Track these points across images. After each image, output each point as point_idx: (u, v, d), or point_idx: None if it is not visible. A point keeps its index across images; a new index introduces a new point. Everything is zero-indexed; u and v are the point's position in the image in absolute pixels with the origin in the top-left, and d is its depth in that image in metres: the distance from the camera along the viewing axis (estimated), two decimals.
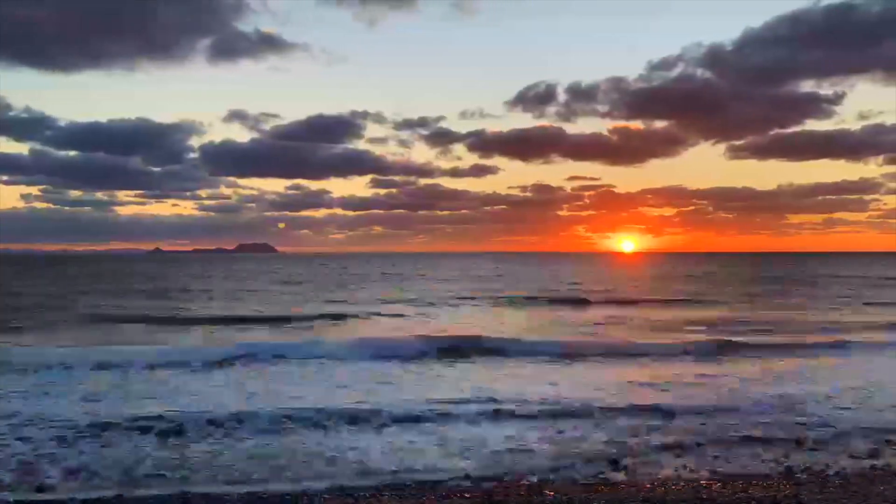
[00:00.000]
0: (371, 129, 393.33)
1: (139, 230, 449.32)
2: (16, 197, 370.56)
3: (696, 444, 9.62)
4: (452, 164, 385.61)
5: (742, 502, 7.14)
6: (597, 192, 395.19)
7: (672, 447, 9.46)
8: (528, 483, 7.98)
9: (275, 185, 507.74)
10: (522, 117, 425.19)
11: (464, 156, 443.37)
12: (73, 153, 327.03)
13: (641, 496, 7.39)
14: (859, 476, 8.25)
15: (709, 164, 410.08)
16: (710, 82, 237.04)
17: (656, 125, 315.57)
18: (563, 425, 10.57)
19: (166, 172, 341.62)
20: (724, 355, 18.07)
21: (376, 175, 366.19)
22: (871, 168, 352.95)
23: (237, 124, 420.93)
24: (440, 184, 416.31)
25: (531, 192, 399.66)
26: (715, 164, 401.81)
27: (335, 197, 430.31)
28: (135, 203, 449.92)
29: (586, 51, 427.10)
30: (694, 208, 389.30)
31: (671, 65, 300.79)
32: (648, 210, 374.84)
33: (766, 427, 10.57)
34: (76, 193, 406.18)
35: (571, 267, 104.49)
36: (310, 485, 7.91)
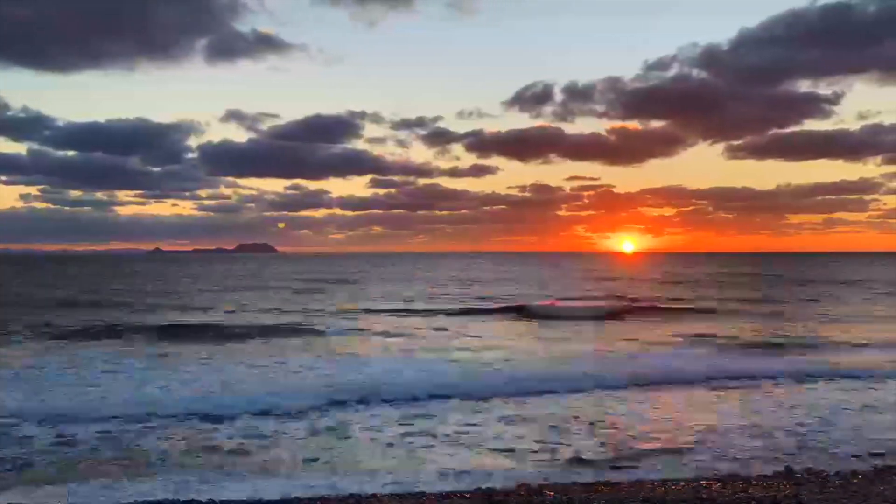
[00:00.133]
0: (369, 129, 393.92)
1: (139, 230, 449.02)
2: (14, 197, 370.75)
3: None
4: (451, 164, 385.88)
5: (742, 502, 7.13)
6: (596, 192, 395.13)
7: None
8: (528, 483, 7.98)
9: (274, 185, 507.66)
10: (519, 117, 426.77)
11: (462, 156, 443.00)
12: (71, 153, 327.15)
13: (641, 496, 7.38)
14: (859, 476, 8.25)
15: (707, 164, 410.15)
16: (706, 82, 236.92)
17: (654, 125, 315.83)
18: None
19: (165, 172, 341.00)
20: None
21: (375, 175, 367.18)
22: (870, 168, 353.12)
23: (235, 124, 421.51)
24: (439, 184, 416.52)
25: (530, 192, 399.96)
26: (714, 164, 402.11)
27: (334, 197, 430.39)
28: (134, 203, 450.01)
29: (583, 51, 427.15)
30: (693, 208, 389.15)
31: (667, 65, 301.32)
32: (648, 210, 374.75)
33: None
34: (75, 193, 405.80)
35: (582, 266, 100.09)
36: (310, 485, 7.92)
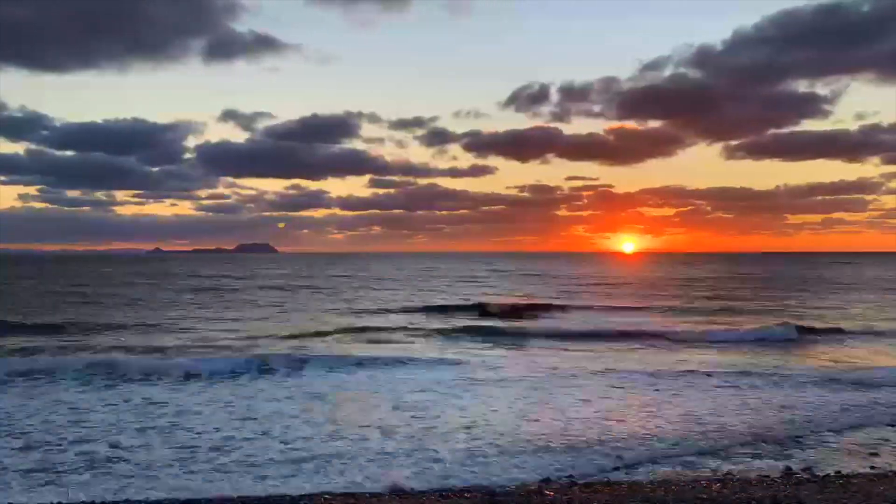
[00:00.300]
0: (366, 129, 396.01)
1: (138, 230, 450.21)
2: (13, 197, 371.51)
3: None
4: (449, 164, 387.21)
5: (742, 502, 7.13)
6: (595, 192, 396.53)
7: None
8: (528, 483, 7.98)
9: (272, 185, 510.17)
10: (516, 117, 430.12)
11: (459, 156, 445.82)
12: (68, 153, 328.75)
13: (641, 496, 7.38)
14: (859, 476, 8.25)
15: (706, 164, 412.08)
16: (702, 82, 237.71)
17: (651, 125, 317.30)
18: None
19: (163, 172, 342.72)
20: None
21: (374, 175, 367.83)
22: (869, 168, 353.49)
23: (232, 124, 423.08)
24: (438, 184, 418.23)
25: (529, 193, 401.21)
26: (712, 164, 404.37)
27: (334, 197, 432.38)
28: (132, 203, 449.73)
29: (579, 51, 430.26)
30: (693, 208, 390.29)
31: (662, 65, 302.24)
32: (647, 210, 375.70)
33: None
34: (74, 193, 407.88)
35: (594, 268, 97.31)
36: (310, 486, 7.92)
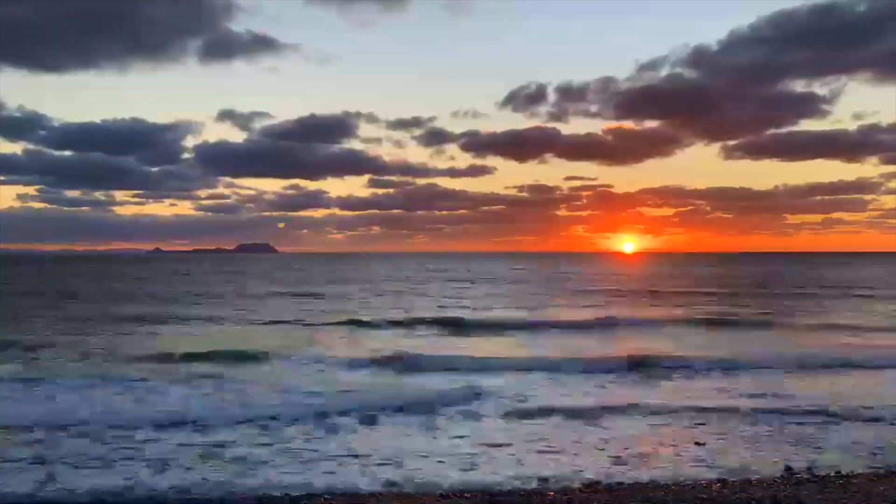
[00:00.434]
0: (364, 128, 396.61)
1: (138, 230, 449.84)
2: (11, 197, 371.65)
3: None
4: (448, 164, 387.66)
5: (742, 502, 7.12)
6: (594, 192, 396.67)
7: None
8: (528, 483, 7.97)
9: (271, 185, 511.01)
10: (513, 117, 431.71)
11: (457, 155, 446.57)
12: (67, 153, 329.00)
13: (641, 496, 7.38)
14: (859, 476, 8.24)
15: (704, 164, 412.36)
16: (699, 82, 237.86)
17: (648, 125, 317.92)
18: None
19: (162, 172, 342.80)
20: None
21: (373, 175, 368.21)
22: (868, 168, 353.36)
23: (230, 124, 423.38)
24: (437, 184, 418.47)
25: (528, 193, 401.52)
26: (711, 164, 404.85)
27: (333, 197, 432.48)
28: (132, 203, 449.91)
29: (576, 51, 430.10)
30: (692, 208, 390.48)
31: (660, 65, 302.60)
32: (647, 210, 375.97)
33: None
34: (73, 193, 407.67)
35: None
36: (311, 486, 7.92)
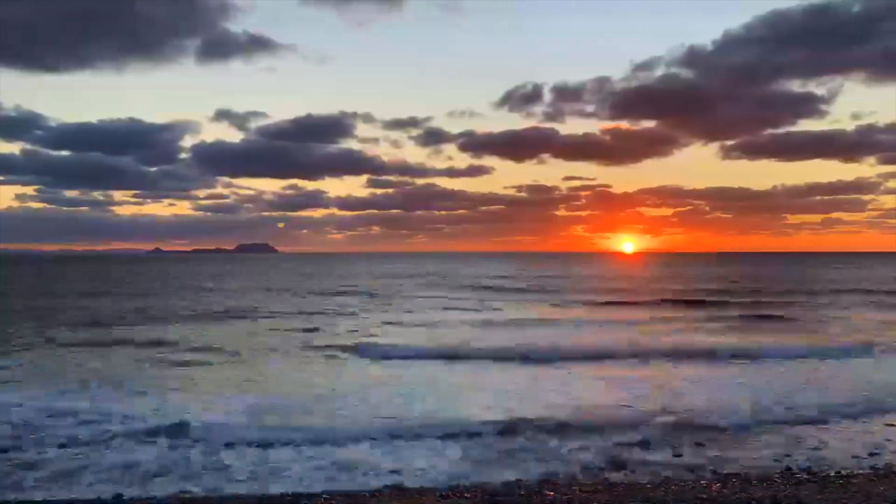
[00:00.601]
0: (361, 128, 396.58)
1: (138, 230, 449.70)
2: (10, 197, 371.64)
3: None
4: (446, 164, 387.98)
5: (742, 502, 7.13)
6: (593, 192, 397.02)
7: None
8: (528, 483, 7.98)
9: (269, 185, 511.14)
10: (509, 117, 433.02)
11: (454, 155, 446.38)
12: (64, 153, 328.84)
13: (641, 496, 7.38)
14: (859, 476, 8.24)
15: (702, 164, 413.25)
16: (695, 82, 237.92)
17: (644, 125, 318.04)
18: None
19: (160, 172, 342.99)
20: None
21: (371, 175, 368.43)
22: (866, 168, 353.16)
23: (227, 124, 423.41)
24: (436, 184, 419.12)
25: (527, 192, 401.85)
26: (708, 164, 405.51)
27: (332, 197, 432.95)
28: (130, 203, 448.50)
29: (572, 51, 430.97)
30: (691, 208, 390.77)
31: (655, 65, 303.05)
32: (645, 210, 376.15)
33: None
34: (72, 193, 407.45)
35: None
36: (311, 486, 7.92)
